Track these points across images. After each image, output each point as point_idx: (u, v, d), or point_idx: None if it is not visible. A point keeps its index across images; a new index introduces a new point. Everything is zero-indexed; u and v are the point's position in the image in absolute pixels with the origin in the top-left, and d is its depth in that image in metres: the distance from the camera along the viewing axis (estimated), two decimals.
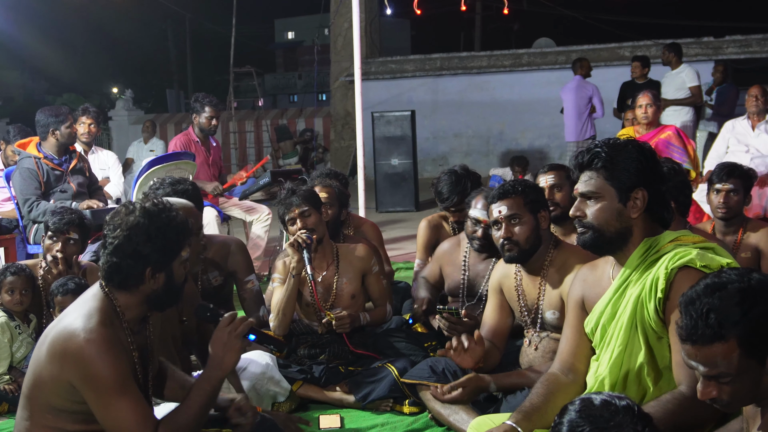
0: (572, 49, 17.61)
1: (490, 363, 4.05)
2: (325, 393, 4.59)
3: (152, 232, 2.90)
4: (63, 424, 2.89)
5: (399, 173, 13.30)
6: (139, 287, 2.95)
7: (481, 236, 4.74)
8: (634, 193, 2.92)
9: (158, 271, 2.95)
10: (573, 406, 2.20)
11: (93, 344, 2.77)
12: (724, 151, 8.11)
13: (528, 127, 17.55)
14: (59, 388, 2.83)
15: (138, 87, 33.70)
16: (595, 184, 2.96)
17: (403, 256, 8.82)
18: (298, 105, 29.91)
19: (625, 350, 2.90)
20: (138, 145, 14.30)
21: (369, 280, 5.01)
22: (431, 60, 18.84)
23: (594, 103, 11.91)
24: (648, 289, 2.82)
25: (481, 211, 4.71)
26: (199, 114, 7.96)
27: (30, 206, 6.52)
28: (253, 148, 20.50)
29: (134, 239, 2.89)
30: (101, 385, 2.77)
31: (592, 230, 2.97)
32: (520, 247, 3.91)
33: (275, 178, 7.85)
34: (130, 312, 2.98)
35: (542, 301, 3.97)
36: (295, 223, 4.85)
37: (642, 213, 2.93)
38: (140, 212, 2.93)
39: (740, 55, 16.81)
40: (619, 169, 2.92)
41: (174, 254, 2.99)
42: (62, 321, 2.91)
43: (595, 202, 2.96)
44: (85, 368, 2.76)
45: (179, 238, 3.00)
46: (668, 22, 25.44)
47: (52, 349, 2.84)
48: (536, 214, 3.95)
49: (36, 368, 2.90)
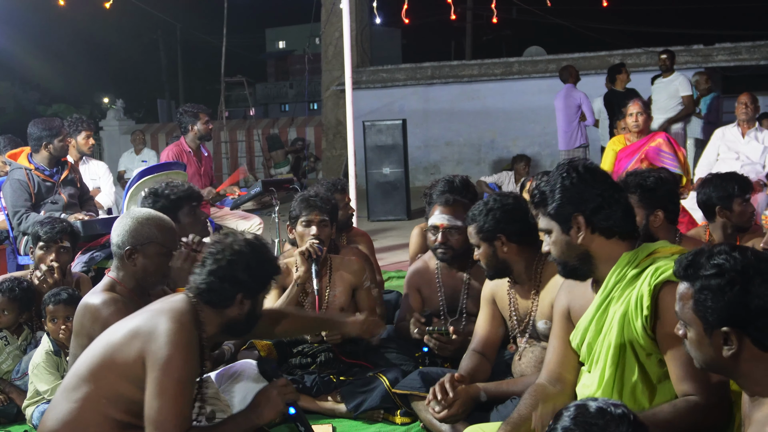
0: (562, 57, 17.66)
1: (480, 377, 4.04)
2: (317, 403, 4.57)
3: (252, 263, 3.19)
4: (114, 411, 3.02)
5: (390, 182, 13.30)
6: (226, 310, 3.20)
7: (441, 240, 4.70)
8: (573, 221, 2.93)
9: (247, 298, 3.21)
10: (568, 412, 2.18)
11: (183, 335, 3.00)
12: (715, 158, 8.13)
13: (519, 135, 17.58)
14: (130, 370, 2.98)
15: (129, 97, 33.67)
16: (542, 221, 3.03)
17: (394, 264, 8.82)
18: (290, 114, 29.93)
19: (617, 370, 2.89)
20: (129, 156, 14.27)
21: (360, 294, 4.97)
22: (422, 69, 18.87)
23: (583, 110, 11.91)
24: (633, 307, 2.82)
25: (437, 217, 4.71)
26: (193, 124, 7.94)
27: (20, 218, 6.49)
28: (244, 158, 20.50)
29: (236, 266, 3.17)
30: (170, 370, 2.93)
31: (558, 263, 3.04)
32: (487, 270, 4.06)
33: (266, 188, 7.84)
34: (209, 329, 3.19)
35: (535, 310, 3.97)
36: (311, 226, 4.80)
37: (588, 235, 2.94)
38: (245, 243, 3.23)
39: (730, 62, 16.88)
40: (551, 203, 2.96)
41: (264, 287, 3.28)
42: (145, 311, 3.14)
43: (549, 236, 3.03)
44: (167, 349, 2.94)
45: (272, 274, 3.29)
46: (658, 30, 25.51)
47: (137, 330, 3.02)
48: (491, 242, 3.97)
49: (107, 350, 3.06)
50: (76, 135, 7.81)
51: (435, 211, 4.74)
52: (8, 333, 4.88)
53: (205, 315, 3.16)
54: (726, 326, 2.21)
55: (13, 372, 4.78)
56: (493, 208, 4.00)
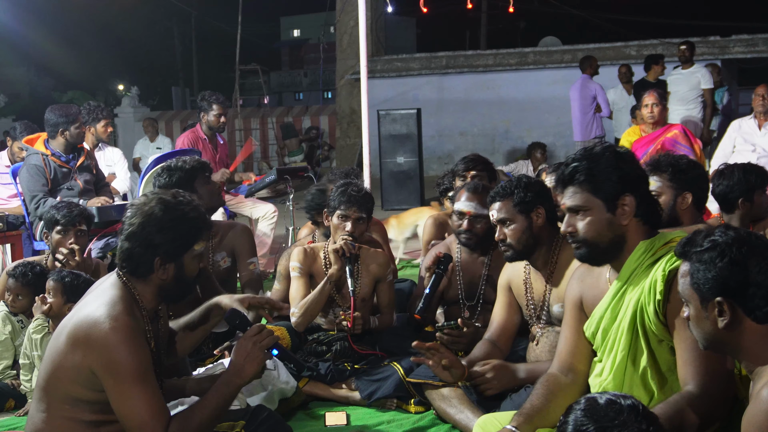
0: (578, 48, 17.59)
1: None
2: (331, 390, 4.59)
3: (165, 223, 2.98)
4: (81, 414, 2.92)
5: (404, 171, 13.31)
6: (150, 276, 3.02)
7: (467, 228, 4.69)
8: (621, 201, 2.91)
9: (167, 262, 3.02)
10: (578, 405, 2.21)
11: (118, 332, 2.82)
12: (731, 150, 8.09)
13: (533, 125, 17.54)
14: (80, 376, 2.86)
15: (143, 84, 33.72)
16: (581, 198, 2.95)
17: (407, 253, 8.82)
18: (304, 103, 29.99)
19: (628, 355, 2.89)
20: (144, 143, 14.30)
21: (381, 287, 4.93)
22: (437, 58, 18.83)
23: (599, 101, 11.88)
24: (647, 292, 2.82)
25: (464, 203, 4.69)
26: (207, 112, 7.96)
27: (37, 203, 6.52)
28: (258, 146, 20.53)
29: (147, 228, 2.98)
30: (122, 372, 2.80)
31: (586, 245, 2.97)
32: (514, 248, 3.95)
33: (281, 176, 7.87)
34: (147, 302, 3.04)
35: (549, 295, 3.97)
36: (347, 221, 4.70)
37: (632, 218, 2.93)
38: (157, 202, 3.01)
39: (746, 54, 16.80)
40: (601, 180, 2.91)
41: (185, 247, 3.05)
42: (82, 310, 2.95)
43: (584, 215, 2.95)
44: (109, 355, 2.80)
45: (192, 232, 3.06)
46: (674, 21, 25.38)
47: (74, 337, 2.87)
48: (528, 214, 3.94)
49: (54, 358, 2.93)
50: (95, 123, 7.83)
51: (462, 197, 4.72)
52: (24, 317, 4.92)
53: (139, 289, 3.02)
54: (719, 296, 2.28)
55: None
56: (530, 182, 4.01)
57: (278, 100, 47.19)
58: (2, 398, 4.72)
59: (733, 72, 16.83)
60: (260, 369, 3.08)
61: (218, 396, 3.01)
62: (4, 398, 4.72)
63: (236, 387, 3.05)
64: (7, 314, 4.81)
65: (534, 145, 12.84)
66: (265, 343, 3.07)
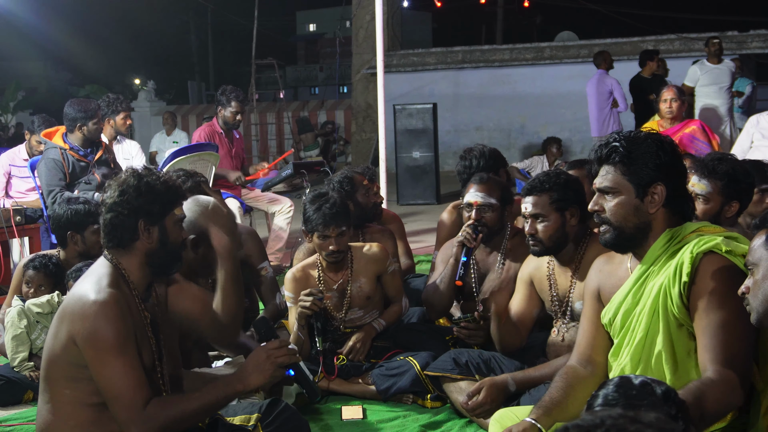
0: (594, 43, 17.53)
1: (510, 343, 4.05)
2: (348, 385, 4.60)
3: (142, 186, 3.04)
4: (81, 396, 2.93)
5: (420, 166, 13.29)
6: (135, 244, 3.05)
7: (476, 218, 4.63)
8: (652, 188, 2.88)
9: (151, 224, 3.06)
10: (611, 381, 2.22)
11: (99, 304, 2.85)
12: (748, 146, 8.04)
13: (549, 120, 17.48)
14: (68, 354, 2.89)
15: (160, 78, 33.80)
16: (613, 179, 2.92)
17: (424, 248, 8.82)
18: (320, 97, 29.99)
19: (646, 337, 2.88)
20: (161, 137, 14.36)
21: (385, 279, 4.87)
22: (453, 53, 18.81)
23: (615, 96, 11.83)
24: (672, 275, 2.80)
25: (471, 194, 4.68)
26: (224, 107, 7.99)
27: (54, 197, 6.55)
28: (274, 140, 20.56)
29: (125, 194, 3.03)
30: (100, 343, 2.82)
31: (612, 228, 2.94)
32: (543, 244, 3.91)
33: (297, 170, 7.88)
34: (134, 276, 3.06)
35: (573, 291, 3.96)
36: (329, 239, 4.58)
37: (660, 208, 2.90)
38: (130, 174, 3.09)
39: (764, 49, 16.70)
40: (637, 164, 2.88)
41: (165, 209, 3.09)
42: (73, 290, 3.03)
43: (613, 197, 2.93)
44: (89, 325, 2.83)
45: (169, 193, 3.11)
46: (692, 16, 25.25)
47: (62, 314, 2.94)
48: (563, 212, 3.93)
49: (49, 342, 2.98)
50: (114, 115, 7.87)
51: (470, 189, 4.73)
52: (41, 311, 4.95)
53: (125, 263, 3.04)
54: None
55: None
56: (569, 180, 3.98)
57: (294, 95, 47.16)
58: (20, 390, 4.76)
59: (750, 67, 16.71)
60: (266, 382, 3.04)
61: (213, 394, 2.98)
62: (23, 390, 4.76)
63: (234, 392, 3.01)
64: (23, 309, 4.84)
65: (549, 140, 12.81)
66: (281, 360, 3.02)
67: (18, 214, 6.84)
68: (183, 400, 2.96)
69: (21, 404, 4.73)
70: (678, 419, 2.12)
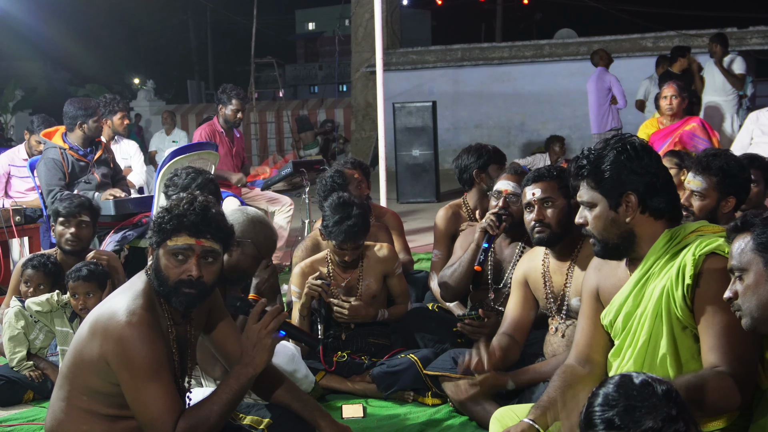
0: (594, 40, 17.52)
1: (509, 359, 4.03)
2: (348, 383, 4.60)
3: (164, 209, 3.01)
4: (97, 407, 2.94)
5: (420, 164, 13.30)
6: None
7: (503, 206, 4.53)
8: (625, 198, 2.88)
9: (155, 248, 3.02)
10: (612, 380, 2.19)
11: (133, 327, 2.82)
12: (748, 142, 8.03)
13: (549, 118, 17.49)
14: (97, 368, 2.88)
15: (159, 78, 33.81)
16: (587, 193, 2.95)
17: (423, 247, 8.82)
18: (319, 96, 29.94)
19: (650, 340, 2.87)
20: (160, 137, 14.35)
21: (391, 281, 4.94)
22: (452, 51, 18.80)
23: (614, 93, 11.82)
24: (674, 277, 2.79)
25: (502, 182, 4.60)
26: (225, 105, 7.99)
27: (54, 197, 6.54)
28: (274, 139, 20.56)
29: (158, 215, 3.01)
30: (136, 367, 2.81)
31: (597, 240, 2.96)
32: (552, 230, 3.88)
33: (297, 169, 7.88)
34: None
35: (569, 287, 3.94)
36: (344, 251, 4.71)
37: (638, 214, 2.89)
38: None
39: (764, 45, 16.69)
40: (603, 177, 2.89)
41: (160, 238, 3.02)
42: (109, 300, 2.99)
43: (591, 210, 2.95)
44: (123, 349, 2.81)
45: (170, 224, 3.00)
46: (691, 12, 25.22)
47: (94, 328, 2.90)
48: (570, 199, 3.90)
49: (77, 346, 2.96)
50: (111, 115, 7.85)
51: (502, 177, 4.66)
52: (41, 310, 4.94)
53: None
54: None
55: (48, 349, 4.85)
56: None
57: (293, 93, 47.18)
58: (20, 390, 4.75)
59: (750, 64, 16.68)
60: (272, 354, 3.03)
61: (228, 390, 2.97)
62: (23, 390, 4.75)
63: (248, 378, 2.99)
64: (21, 310, 4.82)
65: (552, 139, 12.80)
66: (271, 327, 3.00)
67: (17, 214, 6.84)
68: (206, 406, 2.95)
69: (21, 404, 4.72)
70: (679, 419, 2.10)
